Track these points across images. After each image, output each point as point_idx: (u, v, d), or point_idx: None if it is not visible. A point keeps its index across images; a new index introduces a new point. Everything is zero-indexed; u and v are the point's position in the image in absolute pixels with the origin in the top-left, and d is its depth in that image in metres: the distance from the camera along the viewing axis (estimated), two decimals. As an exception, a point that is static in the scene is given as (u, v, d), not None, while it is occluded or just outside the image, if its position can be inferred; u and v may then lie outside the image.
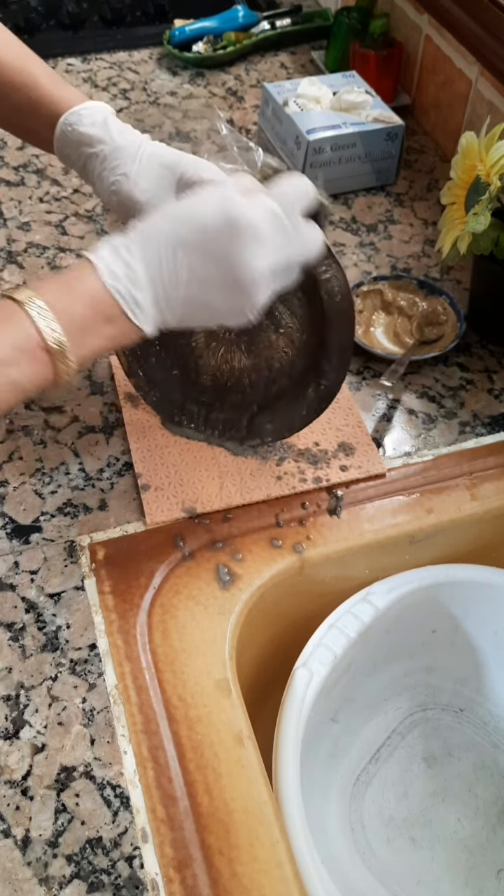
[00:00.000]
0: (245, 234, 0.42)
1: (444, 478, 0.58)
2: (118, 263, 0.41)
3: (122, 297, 0.41)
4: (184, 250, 0.42)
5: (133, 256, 0.41)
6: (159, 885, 0.40)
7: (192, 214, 0.42)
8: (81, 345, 0.41)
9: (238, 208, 0.42)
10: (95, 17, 1.08)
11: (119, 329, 0.42)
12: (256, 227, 0.42)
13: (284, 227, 0.43)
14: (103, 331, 0.41)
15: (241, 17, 1.03)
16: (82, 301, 0.41)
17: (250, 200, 0.43)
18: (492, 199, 0.59)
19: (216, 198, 0.43)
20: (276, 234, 0.43)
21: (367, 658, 0.55)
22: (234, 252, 0.42)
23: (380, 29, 0.91)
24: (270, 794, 0.43)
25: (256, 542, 0.53)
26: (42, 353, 0.40)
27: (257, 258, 0.42)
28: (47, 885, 0.40)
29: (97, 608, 0.50)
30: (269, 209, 0.43)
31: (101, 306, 0.41)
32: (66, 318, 0.40)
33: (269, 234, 0.42)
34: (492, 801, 0.58)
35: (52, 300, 0.40)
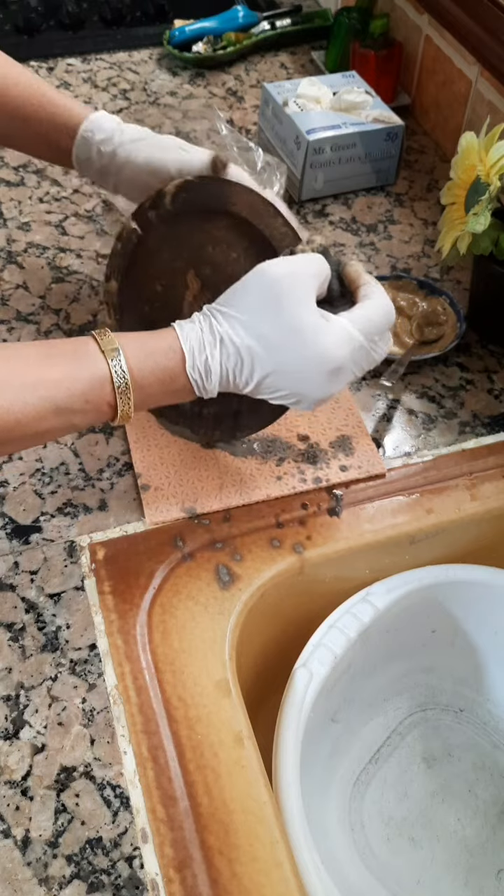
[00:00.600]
0: (333, 373, 0.45)
1: (443, 478, 0.58)
2: (201, 364, 0.45)
3: (196, 387, 0.45)
4: (264, 373, 0.45)
5: (214, 361, 0.45)
6: (159, 886, 0.40)
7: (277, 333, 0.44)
8: (140, 405, 0.45)
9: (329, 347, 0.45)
10: (95, 17, 1.08)
11: (180, 399, 0.47)
12: (344, 367, 0.46)
13: (368, 354, 0.47)
14: (164, 400, 0.46)
15: (240, 18, 1.03)
16: (157, 375, 0.44)
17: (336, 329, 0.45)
18: (492, 200, 0.59)
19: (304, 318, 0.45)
20: (360, 361, 0.47)
21: (366, 658, 0.55)
22: (318, 383, 0.46)
23: (380, 29, 0.91)
24: (270, 795, 0.43)
25: (256, 542, 0.53)
26: (106, 407, 0.43)
27: (339, 386, 0.47)
28: (47, 886, 0.40)
29: (97, 608, 0.50)
30: (359, 344, 0.46)
31: (173, 386, 0.45)
32: (138, 382, 0.44)
33: (352, 366, 0.46)
34: (491, 802, 0.58)
35: (133, 361, 0.43)
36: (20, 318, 0.68)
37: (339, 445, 0.59)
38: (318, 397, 0.47)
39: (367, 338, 0.46)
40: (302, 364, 0.45)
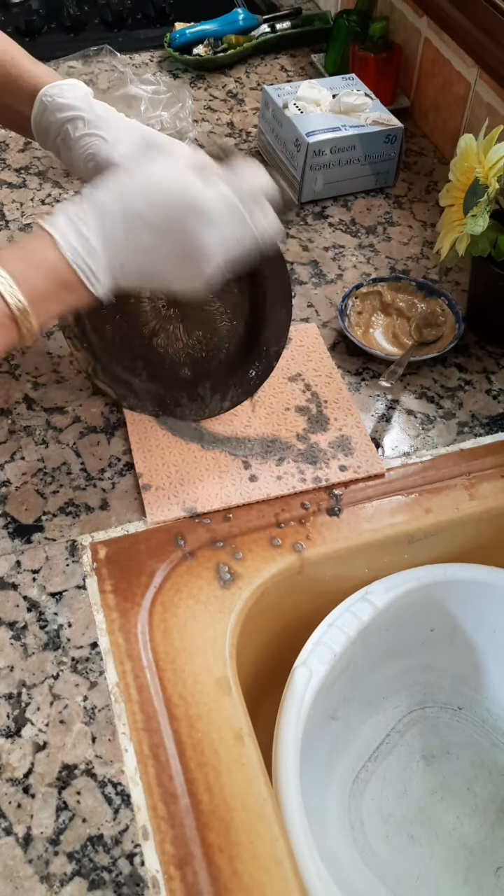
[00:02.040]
0: (202, 218, 0.44)
1: (442, 478, 0.58)
2: (76, 237, 0.43)
3: (80, 269, 0.43)
4: (139, 224, 0.44)
5: (90, 229, 0.43)
6: (160, 883, 0.40)
7: (150, 190, 0.44)
8: (42, 311, 0.43)
9: (196, 191, 0.44)
10: (96, 19, 1.08)
11: (76, 296, 0.44)
12: (213, 212, 0.44)
13: (240, 215, 0.45)
14: (61, 297, 0.44)
15: (241, 20, 1.03)
16: (43, 271, 0.43)
17: (208, 183, 0.45)
18: (490, 201, 0.60)
19: (174, 176, 0.44)
20: (231, 220, 0.45)
21: (366, 656, 0.55)
22: (189, 231, 0.44)
23: (379, 32, 0.91)
24: (270, 792, 0.44)
25: (256, 541, 0.54)
26: (7, 321, 0.42)
27: (210, 239, 0.45)
28: (48, 883, 0.41)
29: (98, 607, 0.50)
30: (226, 196, 0.45)
31: (60, 276, 0.43)
32: (28, 287, 0.42)
33: (224, 220, 0.45)
34: (490, 799, 0.58)
35: (14, 270, 0.42)
36: None
37: (338, 445, 0.59)
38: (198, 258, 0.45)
39: (239, 195, 0.45)
40: (176, 210, 0.44)
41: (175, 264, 0.45)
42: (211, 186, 0.45)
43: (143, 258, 0.45)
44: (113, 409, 0.62)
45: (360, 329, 0.68)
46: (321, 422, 0.61)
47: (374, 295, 0.70)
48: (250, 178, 0.46)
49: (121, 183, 0.45)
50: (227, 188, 0.45)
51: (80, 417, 0.61)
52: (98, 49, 0.96)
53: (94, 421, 0.61)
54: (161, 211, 0.44)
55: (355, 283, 0.71)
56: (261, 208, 0.46)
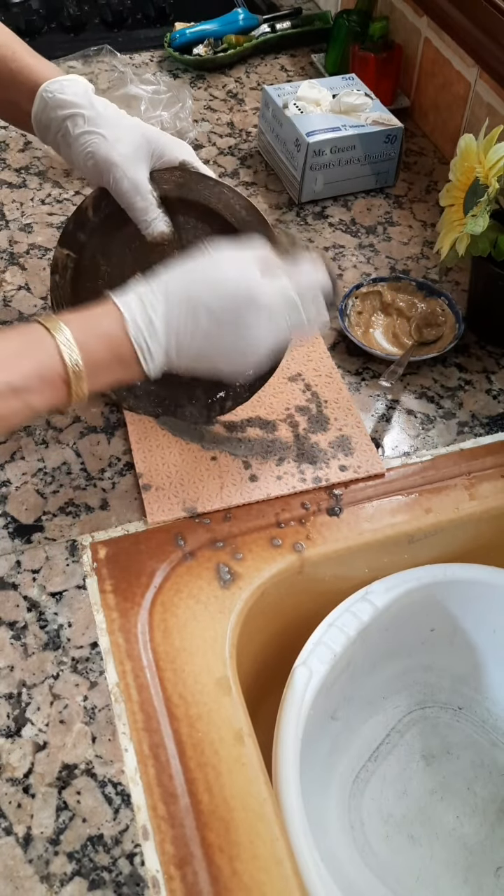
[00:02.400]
0: (263, 314, 0.46)
1: (442, 478, 0.58)
2: (142, 316, 0.45)
3: (139, 348, 0.45)
4: (202, 312, 0.45)
5: (156, 312, 0.45)
6: (160, 883, 0.40)
7: (216, 282, 0.46)
8: (94, 380, 0.44)
9: (262, 290, 0.46)
10: (96, 19, 1.08)
11: (129, 371, 0.46)
12: (275, 310, 0.46)
13: (299, 313, 0.47)
14: (115, 370, 0.45)
15: (241, 20, 1.03)
16: (103, 342, 0.44)
17: (272, 281, 0.47)
18: (490, 201, 0.60)
19: (242, 272, 0.46)
20: (290, 317, 0.47)
21: (366, 656, 0.55)
22: (250, 327, 0.46)
23: (379, 32, 0.91)
24: (270, 792, 0.44)
25: (256, 541, 0.54)
26: (60, 383, 0.43)
27: (268, 335, 0.47)
28: (48, 883, 0.41)
29: (98, 607, 0.50)
30: (287, 295, 0.47)
31: (119, 351, 0.45)
32: (87, 354, 0.43)
33: (284, 318, 0.47)
34: (490, 799, 0.58)
35: (77, 335, 0.43)
36: (22, 319, 0.69)
37: (338, 445, 0.59)
38: (254, 353, 0.47)
39: (301, 296, 0.47)
40: (242, 307, 0.45)
41: (228, 352, 0.47)
42: (273, 281, 0.47)
43: (199, 344, 0.46)
44: (113, 409, 0.62)
45: (360, 329, 0.68)
46: (321, 422, 0.61)
47: (375, 295, 0.70)
48: (310, 273, 0.48)
49: (189, 269, 0.46)
50: (289, 283, 0.47)
51: (80, 417, 0.61)
52: (98, 49, 0.96)
53: (94, 421, 0.61)
54: (225, 303, 0.45)
55: (355, 283, 0.71)
56: (315, 303, 0.48)
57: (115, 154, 0.52)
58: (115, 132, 0.52)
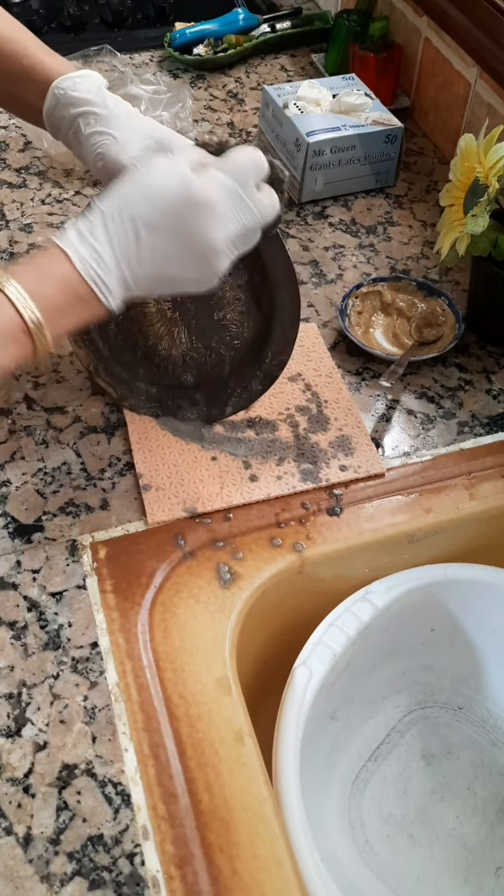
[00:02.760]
0: (204, 210, 0.44)
1: (442, 478, 0.58)
2: (86, 249, 0.43)
3: (92, 282, 0.43)
4: (146, 229, 0.44)
5: (98, 241, 0.43)
6: (160, 883, 0.40)
7: (151, 193, 0.44)
8: (56, 325, 0.43)
9: (195, 186, 0.44)
10: (96, 19, 1.08)
11: (90, 308, 0.44)
12: (214, 202, 0.44)
13: (241, 199, 0.45)
14: (75, 311, 0.44)
15: (241, 20, 1.03)
16: (55, 285, 0.43)
17: (205, 175, 0.45)
18: (490, 201, 0.60)
19: (172, 174, 0.45)
20: (233, 206, 0.45)
21: (366, 656, 0.55)
22: (195, 227, 0.44)
23: (379, 31, 0.91)
24: (270, 792, 0.44)
25: (257, 541, 0.54)
26: (22, 335, 0.42)
27: (217, 230, 0.45)
28: (49, 883, 0.41)
29: (98, 607, 0.50)
30: (224, 183, 0.45)
31: (73, 289, 0.43)
32: (42, 301, 0.42)
33: (226, 207, 0.45)
34: (490, 799, 0.58)
35: (28, 284, 0.42)
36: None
37: (338, 445, 0.59)
38: (208, 251, 0.45)
39: (237, 179, 0.45)
40: (179, 207, 0.44)
41: (185, 263, 0.45)
42: (208, 177, 0.45)
43: (153, 263, 0.45)
44: (113, 409, 0.62)
45: (360, 329, 0.68)
46: (321, 422, 0.61)
47: (375, 295, 0.70)
48: (243, 160, 0.46)
49: (122, 189, 0.45)
50: (223, 175, 0.45)
51: (80, 417, 0.61)
52: (98, 49, 0.96)
53: (94, 421, 0.61)
54: (164, 211, 0.44)
55: (355, 283, 0.71)
56: (259, 189, 0.47)
57: (124, 156, 0.51)
58: (126, 133, 0.52)
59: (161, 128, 0.54)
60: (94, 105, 0.52)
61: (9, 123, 0.91)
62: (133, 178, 0.45)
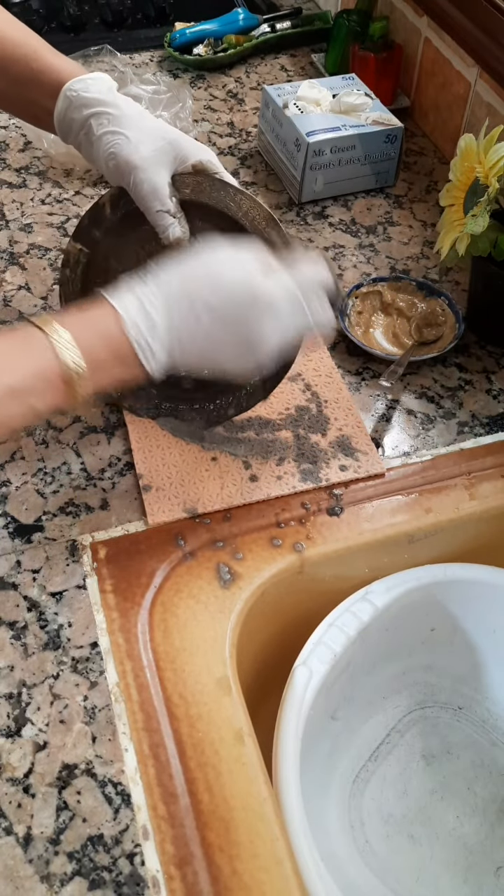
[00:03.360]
0: (268, 312, 0.45)
1: (442, 478, 0.58)
2: (141, 316, 0.44)
3: (140, 348, 0.44)
4: (206, 314, 0.44)
5: (156, 310, 0.44)
6: (160, 883, 0.40)
7: (218, 280, 0.45)
8: (94, 380, 0.43)
9: (263, 286, 0.45)
10: (96, 19, 1.08)
11: (130, 371, 0.45)
12: (277, 307, 0.46)
13: (303, 310, 0.47)
14: (115, 371, 0.44)
15: (241, 20, 1.03)
16: (101, 341, 0.43)
17: (274, 279, 0.46)
18: (490, 201, 0.60)
19: (240, 269, 0.45)
20: (294, 315, 0.46)
21: (366, 656, 0.55)
22: (255, 324, 0.45)
23: (379, 31, 0.91)
24: (270, 792, 0.44)
25: (257, 541, 0.54)
26: (60, 383, 0.42)
27: (274, 333, 0.46)
28: (49, 883, 0.41)
29: (98, 607, 0.50)
30: (291, 293, 0.46)
31: (119, 350, 0.44)
32: (86, 354, 0.42)
33: (288, 315, 0.46)
34: (490, 799, 0.58)
35: (76, 335, 0.42)
36: (22, 319, 0.69)
37: (338, 445, 0.59)
38: (259, 352, 0.46)
39: (303, 291, 0.46)
40: (244, 304, 0.44)
41: (232, 350, 0.46)
42: (274, 279, 0.46)
43: (201, 342, 0.45)
44: (113, 409, 0.62)
45: (360, 329, 0.68)
46: (321, 422, 0.61)
47: (375, 295, 0.70)
48: (311, 271, 0.48)
49: (188, 267, 0.45)
50: (290, 280, 0.46)
51: (80, 417, 0.61)
52: (98, 49, 0.96)
53: (94, 421, 0.61)
54: (226, 299, 0.44)
55: (355, 283, 0.71)
56: (319, 300, 0.47)
57: (136, 156, 0.51)
58: (138, 134, 0.52)
59: (172, 129, 0.54)
60: (107, 105, 0.52)
61: (9, 123, 0.91)
62: (199, 259, 0.46)
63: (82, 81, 0.52)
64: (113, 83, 0.54)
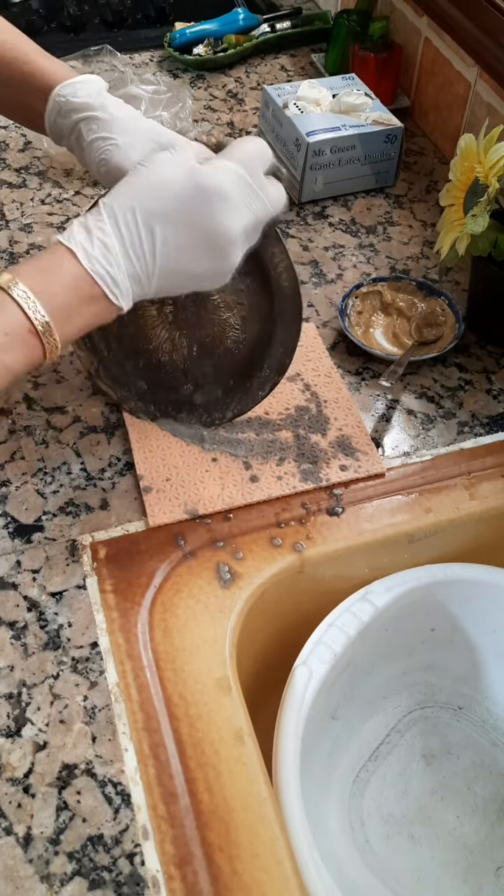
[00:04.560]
0: (216, 199, 0.43)
1: (442, 477, 0.58)
2: (94, 246, 0.42)
3: (101, 279, 0.42)
4: (156, 222, 0.43)
5: (107, 236, 0.42)
6: (160, 883, 0.40)
7: (160, 185, 0.43)
8: (66, 325, 0.42)
9: (205, 175, 0.43)
10: (96, 19, 1.08)
11: (100, 307, 0.43)
12: (226, 190, 0.44)
13: (251, 187, 0.45)
14: (85, 310, 0.43)
15: (241, 20, 1.03)
16: (63, 284, 0.42)
17: (213, 164, 0.44)
18: (490, 201, 0.60)
19: (181, 166, 0.44)
20: (244, 194, 0.44)
21: (366, 656, 0.55)
22: (208, 217, 0.43)
23: (379, 31, 0.91)
24: (270, 792, 0.44)
25: (257, 541, 0.54)
26: (31, 337, 0.41)
27: (230, 219, 0.44)
28: (49, 883, 0.41)
29: (98, 607, 0.50)
30: (234, 171, 0.44)
31: (82, 288, 0.42)
32: (50, 302, 0.41)
33: (238, 196, 0.44)
34: (490, 799, 0.58)
35: (34, 284, 0.41)
36: (21, 318, 0.68)
37: (338, 445, 0.59)
38: (222, 242, 0.44)
39: (246, 168, 0.45)
40: (190, 198, 0.43)
41: (200, 255, 0.44)
42: (216, 165, 0.44)
43: (166, 257, 0.43)
44: (113, 409, 0.62)
45: (360, 329, 0.68)
46: (321, 422, 0.61)
47: (374, 295, 0.70)
48: (250, 149, 0.46)
49: (130, 185, 0.44)
50: (232, 163, 0.45)
51: (80, 417, 0.61)
52: (98, 49, 0.96)
53: (94, 421, 0.61)
54: (175, 202, 0.43)
55: (355, 283, 0.71)
56: (266, 179, 0.46)
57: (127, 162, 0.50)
58: (128, 138, 0.51)
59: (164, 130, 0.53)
60: (96, 110, 0.51)
61: (9, 123, 0.91)
62: (139, 174, 0.45)
63: (71, 86, 0.52)
64: (103, 84, 0.53)
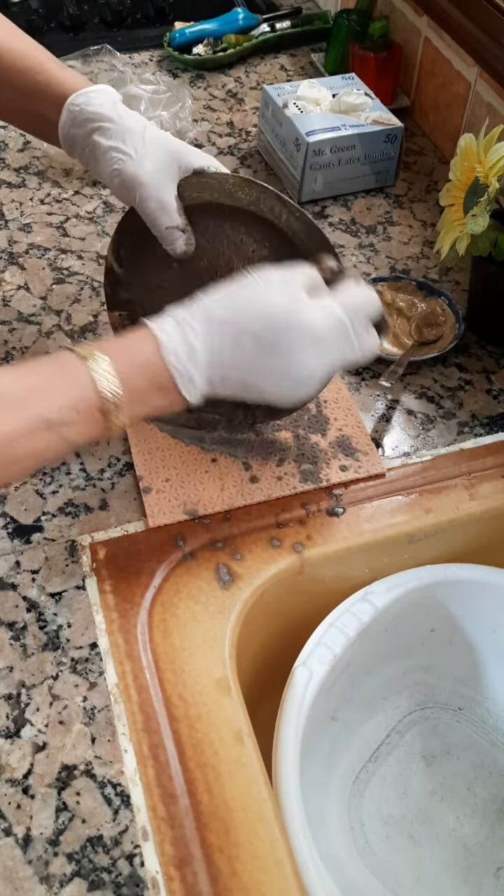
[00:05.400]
0: (312, 340, 0.44)
1: (442, 478, 0.58)
2: (181, 343, 0.42)
3: (179, 375, 0.42)
4: (247, 340, 0.43)
5: (197, 338, 0.43)
6: (160, 883, 0.40)
7: (262, 306, 0.43)
8: (133, 409, 0.42)
9: (309, 312, 0.44)
10: (96, 19, 1.08)
11: (169, 400, 0.44)
12: (324, 335, 0.44)
13: (349, 337, 0.45)
14: (154, 400, 0.43)
15: (241, 20, 1.03)
16: (141, 370, 0.42)
17: (318, 303, 0.44)
18: (490, 201, 0.60)
19: (289, 294, 0.44)
20: (340, 342, 0.45)
21: (366, 657, 0.55)
22: (298, 352, 0.44)
23: (379, 31, 0.91)
24: (270, 793, 0.44)
25: (256, 541, 0.54)
26: (97, 414, 0.41)
27: (318, 361, 0.44)
28: (48, 884, 0.40)
29: (98, 607, 0.50)
30: (338, 318, 0.44)
31: (158, 379, 0.42)
32: (124, 384, 0.41)
33: (334, 342, 0.44)
34: (490, 800, 0.58)
35: (117, 365, 0.41)
36: (21, 318, 0.68)
37: (338, 445, 0.59)
38: (304, 377, 0.45)
39: (351, 316, 0.45)
40: (286, 330, 0.43)
41: (277, 382, 0.45)
42: (321, 306, 0.44)
43: (245, 372, 0.44)
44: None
45: (360, 329, 0.68)
46: (321, 422, 0.61)
47: (374, 295, 0.70)
48: (361, 299, 0.46)
49: (233, 295, 0.44)
50: (339, 308, 0.45)
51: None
52: (98, 48, 0.96)
53: (94, 421, 0.61)
54: (271, 328, 0.43)
55: (355, 283, 0.70)
56: (366, 329, 0.46)
57: (141, 173, 0.51)
58: (142, 149, 0.51)
59: (176, 141, 0.53)
60: (110, 120, 0.51)
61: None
62: (243, 284, 0.45)
63: (84, 95, 0.52)
64: (117, 95, 0.53)
